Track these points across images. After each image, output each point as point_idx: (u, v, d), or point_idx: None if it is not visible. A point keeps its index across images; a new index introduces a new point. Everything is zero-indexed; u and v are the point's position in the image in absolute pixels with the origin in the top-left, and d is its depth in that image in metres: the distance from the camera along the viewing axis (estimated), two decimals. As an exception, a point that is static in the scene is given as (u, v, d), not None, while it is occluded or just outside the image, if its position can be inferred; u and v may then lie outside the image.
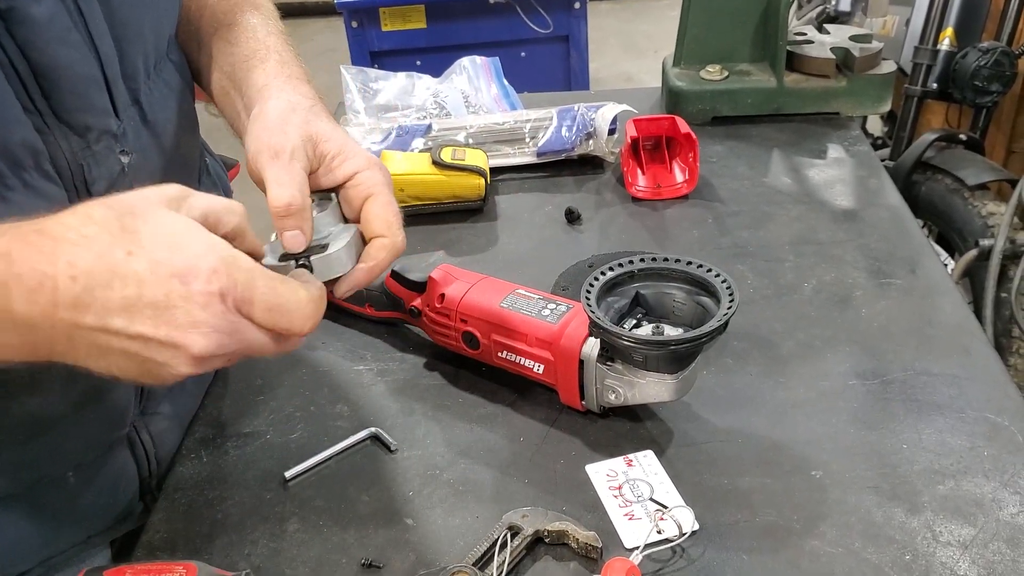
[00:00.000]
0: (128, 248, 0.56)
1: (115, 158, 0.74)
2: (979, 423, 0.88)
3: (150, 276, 0.56)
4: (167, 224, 0.58)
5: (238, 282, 0.58)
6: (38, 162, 0.68)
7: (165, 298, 0.56)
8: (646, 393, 0.86)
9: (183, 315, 0.56)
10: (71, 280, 0.55)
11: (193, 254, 0.57)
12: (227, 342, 0.58)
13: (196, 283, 0.56)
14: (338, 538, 0.81)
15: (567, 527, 0.78)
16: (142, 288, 0.56)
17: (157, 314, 0.56)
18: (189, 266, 0.57)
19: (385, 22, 2.78)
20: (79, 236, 0.56)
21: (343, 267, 0.73)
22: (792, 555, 0.77)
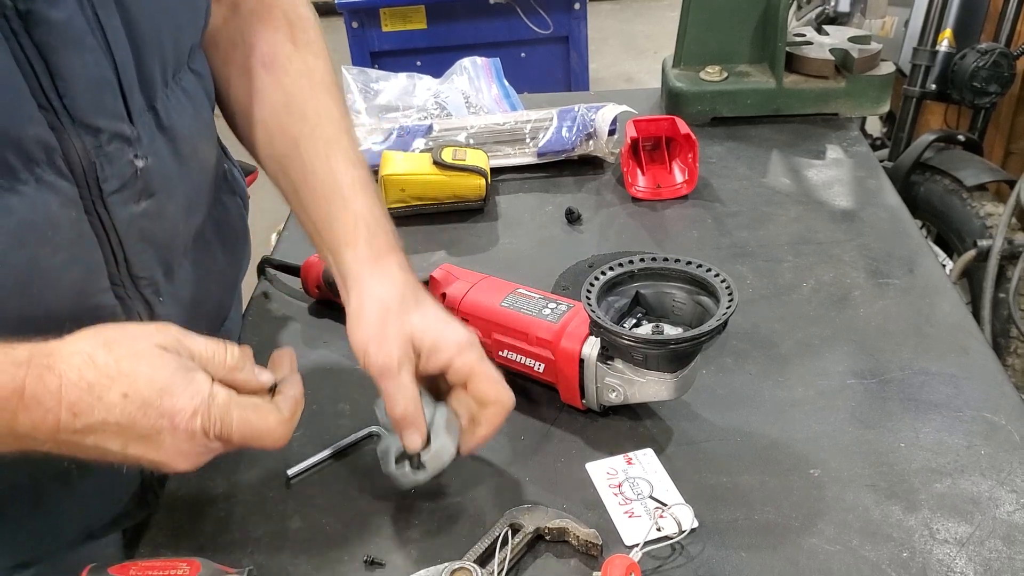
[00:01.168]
0: (124, 390, 0.65)
1: (128, 161, 0.76)
2: (976, 422, 0.89)
3: (141, 417, 0.65)
4: (161, 371, 0.67)
5: (216, 418, 0.67)
6: (51, 158, 0.71)
7: (155, 432, 0.66)
8: (646, 392, 0.87)
9: (170, 445, 0.66)
10: (73, 416, 0.64)
11: (179, 397, 0.66)
12: (207, 459, 0.69)
13: (180, 422, 0.66)
14: (340, 536, 0.82)
15: (568, 524, 0.78)
16: (134, 425, 0.65)
17: (147, 443, 0.66)
18: (175, 408, 0.66)
19: (385, 22, 2.78)
20: (80, 378, 0.64)
21: (449, 454, 0.81)
22: (790, 552, 0.77)
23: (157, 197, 0.80)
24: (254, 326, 1.10)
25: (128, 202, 0.77)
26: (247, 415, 0.69)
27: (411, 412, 0.78)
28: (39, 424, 0.64)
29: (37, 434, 0.64)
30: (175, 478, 0.89)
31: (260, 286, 1.18)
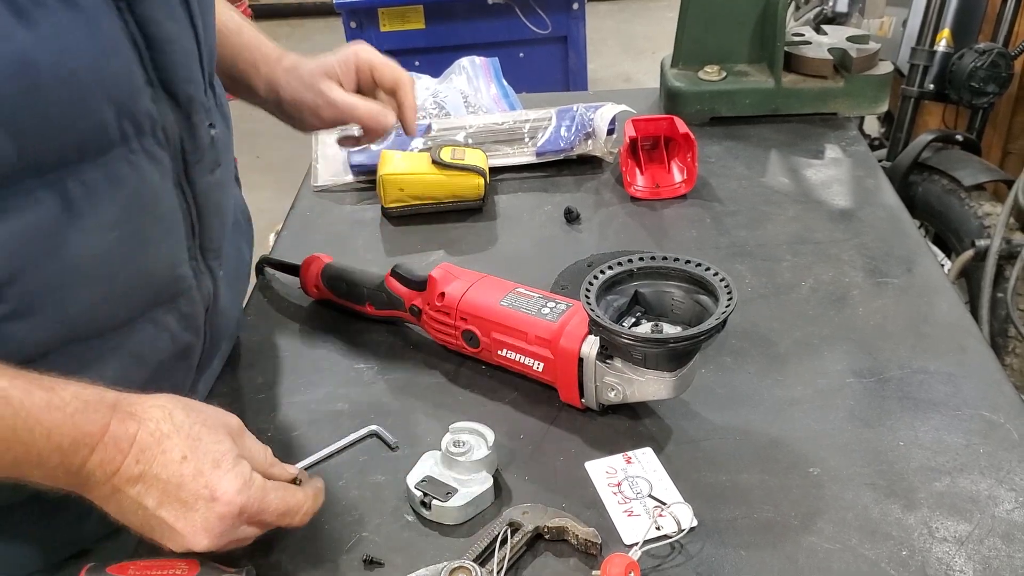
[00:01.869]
0: (185, 453, 0.71)
1: (206, 129, 0.83)
2: (975, 420, 0.89)
3: (191, 481, 0.70)
4: (220, 446, 0.72)
5: (255, 500, 0.72)
6: (154, 129, 0.76)
7: (193, 501, 0.70)
8: (645, 391, 0.87)
9: (200, 519, 0.70)
10: (135, 463, 0.70)
11: (226, 477, 0.71)
12: (223, 543, 0.72)
13: (221, 500, 0.71)
14: (339, 535, 0.81)
15: (567, 523, 0.78)
16: (181, 487, 0.70)
17: (181, 509, 0.70)
18: (221, 483, 0.71)
19: (384, 22, 2.78)
20: (156, 429, 0.71)
21: None
22: (790, 551, 0.77)
23: (223, 167, 0.87)
24: (253, 325, 1.10)
25: (205, 172, 0.84)
26: (281, 494, 0.75)
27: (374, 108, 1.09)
28: (107, 465, 0.69)
29: (98, 473, 0.69)
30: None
31: (258, 285, 1.18)
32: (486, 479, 0.83)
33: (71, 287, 0.74)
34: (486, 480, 0.83)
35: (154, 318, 0.83)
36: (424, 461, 0.86)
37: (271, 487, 0.74)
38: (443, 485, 0.82)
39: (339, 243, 1.24)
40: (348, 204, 1.34)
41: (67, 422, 0.68)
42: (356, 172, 1.37)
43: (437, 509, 0.81)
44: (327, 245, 1.22)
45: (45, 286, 0.72)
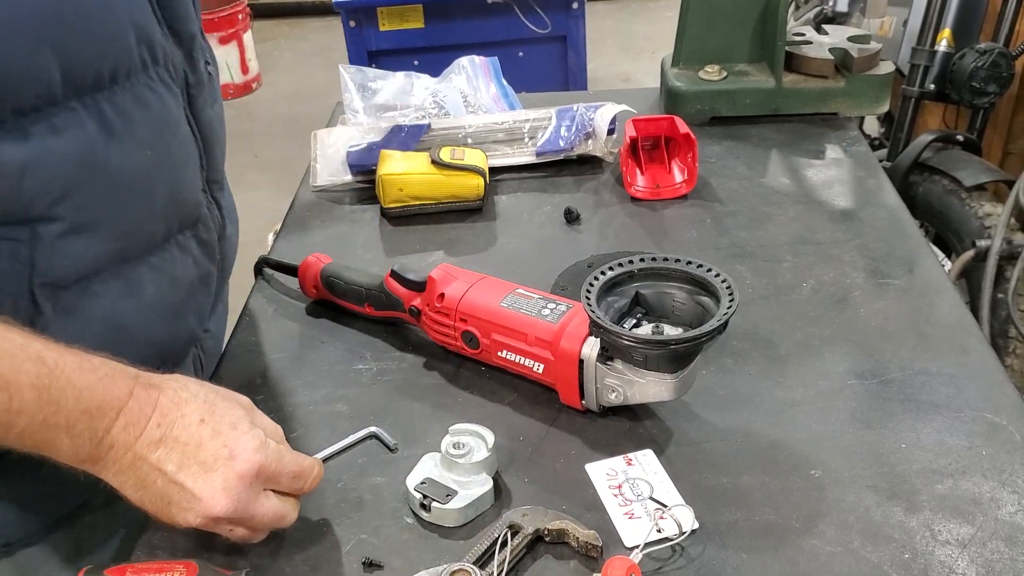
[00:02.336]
0: (202, 416, 0.74)
1: (203, 66, 0.90)
2: (977, 422, 0.89)
3: (209, 441, 0.73)
4: (234, 412, 0.76)
5: (272, 459, 0.75)
6: (165, 61, 0.84)
7: (213, 461, 0.72)
8: (646, 392, 0.86)
9: (220, 479, 0.72)
10: (157, 426, 0.73)
11: (244, 436, 0.74)
12: (240, 511, 0.73)
13: (240, 458, 0.73)
14: (338, 537, 0.81)
15: (567, 526, 0.78)
16: (200, 447, 0.73)
17: (201, 472, 0.72)
18: (239, 443, 0.73)
19: (383, 22, 2.78)
20: (175, 395, 0.74)
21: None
22: (791, 554, 0.77)
23: (218, 103, 0.94)
24: (252, 326, 1.10)
25: (207, 106, 0.91)
26: (295, 456, 0.78)
27: None
28: (131, 428, 0.72)
29: (121, 439, 0.72)
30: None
31: (257, 286, 1.17)
32: (486, 481, 0.83)
33: (118, 203, 0.81)
34: (486, 482, 0.83)
35: (181, 243, 0.91)
36: (424, 463, 0.85)
37: (285, 450, 0.77)
38: (443, 487, 0.82)
39: (338, 243, 1.24)
40: (347, 204, 1.34)
41: (97, 385, 0.71)
42: (355, 172, 1.36)
43: (437, 511, 0.81)
44: (326, 245, 1.22)
45: (96, 202, 0.78)
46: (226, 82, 4.31)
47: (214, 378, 1.01)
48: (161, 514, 0.74)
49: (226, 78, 4.31)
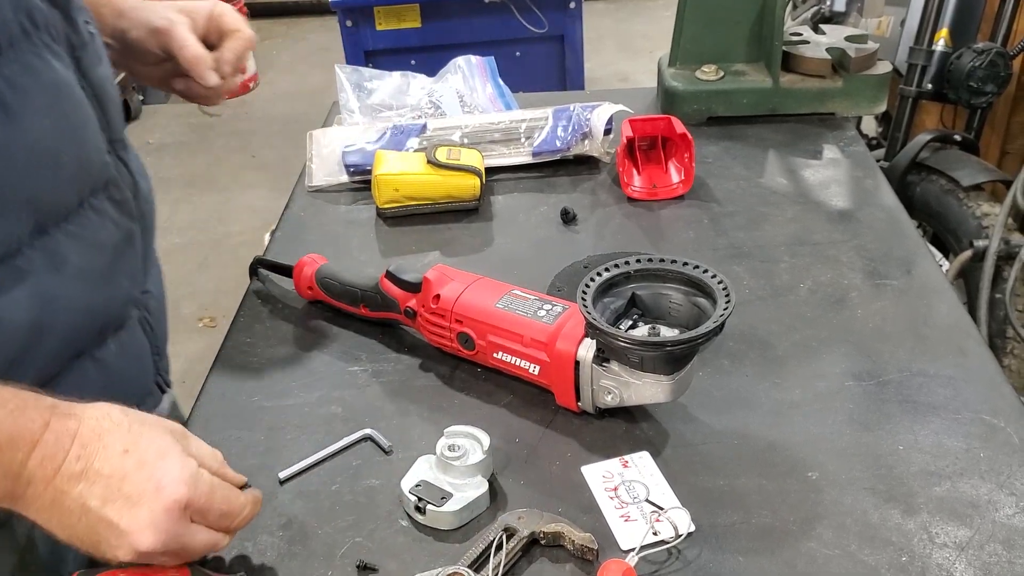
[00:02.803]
0: (126, 446, 0.70)
1: (84, 27, 0.89)
2: (975, 424, 0.88)
3: (134, 473, 0.69)
4: (162, 441, 0.72)
5: (201, 494, 0.71)
6: (46, 25, 0.82)
7: (138, 495, 0.68)
8: (642, 394, 0.86)
9: (147, 513, 0.68)
10: (77, 459, 0.68)
11: (172, 467, 0.70)
12: (170, 544, 0.69)
13: (167, 490, 0.69)
14: (332, 540, 0.81)
15: (563, 529, 0.77)
16: (125, 480, 0.69)
17: (127, 506, 0.68)
18: (166, 475, 0.69)
19: (379, 21, 2.77)
20: (96, 425, 0.70)
21: None
22: (788, 556, 0.77)
23: (104, 62, 0.93)
24: (246, 327, 1.09)
25: (94, 65, 0.89)
26: (227, 493, 0.74)
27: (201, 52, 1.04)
28: (48, 463, 0.68)
29: (38, 474, 0.68)
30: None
31: (252, 286, 1.17)
32: (481, 483, 0.82)
33: (26, 176, 0.79)
34: (481, 484, 0.82)
35: (96, 207, 0.88)
36: (419, 465, 0.85)
37: (218, 484, 0.73)
38: (438, 490, 0.82)
39: (333, 244, 1.23)
40: (343, 204, 1.33)
41: (7, 418, 0.68)
42: (351, 172, 1.36)
43: (432, 514, 0.80)
44: (321, 246, 1.21)
45: (2, 179, 0.76)
46: (223, 82, 4.30)
47: (208, 379, 1.01)
48: (94, 550, 0.70)
49: (223, 78, 4.30)
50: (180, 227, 3.36)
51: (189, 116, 4.24)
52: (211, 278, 3.04)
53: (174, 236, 3.31)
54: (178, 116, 4.25)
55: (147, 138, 4.06)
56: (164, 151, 3.95)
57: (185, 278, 3.06)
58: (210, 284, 3.02)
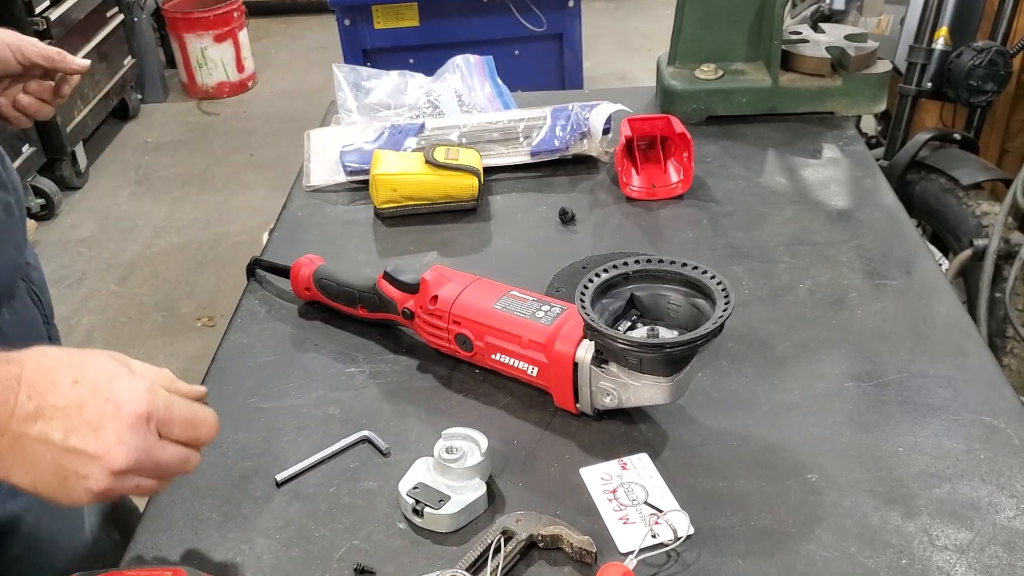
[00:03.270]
0: (74, 377, 0.68)
1: None
2: (975, 426, 0.88)
3: (90, 399, 0.68)
4: (108, 365, 0.71)
5: (161, 407, 0.70)
6: None
7: (99, 418, 0.67)
8: (641, 396, 0.86)
9: (112, 433, 0.67)
10: (28, 398, 0.67)
11: (125, 385, 0.69)
12: (143, 460, 0.69)
13: (127, 407, 0.68)
14: (330, 542, 0.80)
15: (561, 531, 0.77)
16: (82, 408, 0.67)
17: (90, 431, 0.67)
18: (122, 393, 0.69)
19: (378, 20, 2.76)
20: (38, 366, 0.69)
21: None
22: (788, 559, 0.76)
23: None
24: (243, 328, 1.08)
25: None
26: (187, 404, 0.73)
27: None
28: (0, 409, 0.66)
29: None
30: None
31: (249, 287, 1.16)
32: (479, 486, 0.82)
33: None
34: (479, 487, 0.82)
35: None
36: (416, 467, 0.84)
37: (175, 398, 0.72)
38: (435, 492, 0.81)
39: (331, 244, 1.23)
40: (341, 204, 1.33)
41: None
42: (349, 172, 1.35)
43: (429, 517, 0.80)
44: (319, 246, 1.21)
45: None
46: (222, 80, 4.30)
47: (205, 381, 1.00)
48: (58, 494, 0.68)
49: (222, 76, 4.30)
50: (178, 226, 3.36)
51: (187, 115, 4.24)
52: (209, 277, 3.04)
53: (172, 235, 3.31)
54: (176, 115, 4.24)
55: (145, 137, 4.05)
56: (162, 150, 3.94)
57: (183, 277, 3.05)
58: (208, 284, 3.01)
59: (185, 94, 4.39)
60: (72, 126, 3.47)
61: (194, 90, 4.34)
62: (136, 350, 2.61)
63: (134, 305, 2.95)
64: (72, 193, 3.60)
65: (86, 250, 3.28)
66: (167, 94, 4.40)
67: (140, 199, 3.59)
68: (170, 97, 4.40)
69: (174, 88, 4.44)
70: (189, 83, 4.34)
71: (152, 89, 4.32)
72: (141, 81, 4.23)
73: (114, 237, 3.35)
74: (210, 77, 4.29)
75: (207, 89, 4.31)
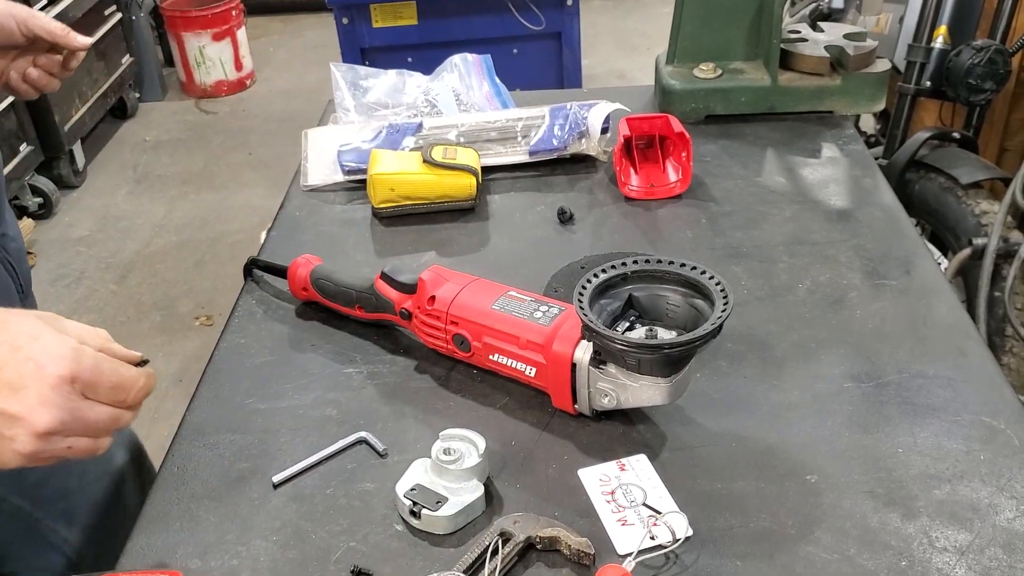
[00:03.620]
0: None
1: None
2: (975, 426, 0.88)
3: (10, 359, 0.66)
4: (31, 325, 0.69)
5: (87, 367, 0.68)
6: None
7: (20, 378, 0.66)
8: (639, 397, 0.85)
9: (34, 394, 0.66)
10: None
11: (48, 344, 0.68)
12: (68, 420, 0.67)
13: (49, 367, 0.67)
14: (327, 544, 0.80)
15: (559, 533, 0.77)
16: (2, 370, 0.66)
17: (11, 392, 0.66)
18: (44, 353, 0.67)
19: (376, 18, 2.76)
20: None
21: None
22: (787, 561, 0.76)
23: None
24: (240, 328, 1.08)
25: None
26: (114, 366, 0.71)
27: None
28: None
29: None
30: (161, 483, 0.87)
31: (246, 287, 1.16)
32: (477, 487, 0.82)
33: None
34: (477, 488, 0.82)
35: None
36: (414, 469, 0.84)
37: (103, 358, 0.70)
38: (433, 494, 0.81)
39: (329, 244, 1.23)
40: (338, 204, 1.32)
41: None
42: (346, 172, 1.35)
43: (427, 518, 0.80)
44: (317, 245, 1.20)
45: None
46: (220, 79, 4.29)
47: (202, 381, 1.00)
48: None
49: (220, 75, 4.29)
50: (177, 225, 3.35)
51: (185, 114, 4.23)
52: (208, 276, 3.03)
53: (171, 234, 3.30)
54: (175, 114, 4.23)
55: (143, 136, 4.05)
56: (161, 149, 3.93)
57: (182, 276, 3.05)
58: (207, 283, 3.01)
59: (183, 93, 4.39)
60: (70, 124, 3.46)
61: (192, 89, 4.33)
62: (134, 349, 2.60)
63: (132, 304, 2.94)
64: (70, 192, 3.60)
65: (84, 249, 3.28)
66: (165, 93, 4.39)
67: (138, 198, 3.58)
68: (168, 96, 4.40)
69: (172, 87, 4.44)
70: (187, 82, 4.33)
71: (150, 88, 4.31)
72: (139, 80, 4.22)
73: (112, 236, 3.34)
74: (208, 76, 4.29)
75: (205, 88, 4.31)
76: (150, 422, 2.26)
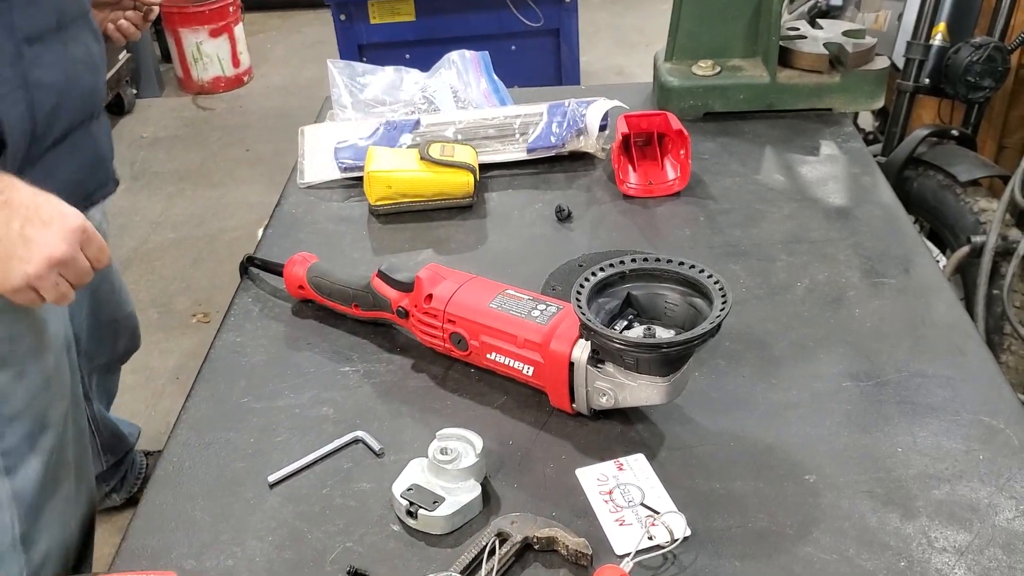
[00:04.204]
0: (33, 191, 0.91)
1: None
2: (974, 426, 0.87)
3: (45, 204, 0.91)
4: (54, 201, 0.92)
5: (90, 226, 0.94)
6: None
7: (49, 219, 0.90)
8: (637, 396, 0.85)
9: (58, 230, 0.90)
10: (0, 192, 0.89)
11: (68, 207, 0.93)
12: (71, 259, 0.91)
13: (71, 217, 0.92)
14: (323, 544, 0.79)
15: (556, 533, 0.76)
16: (39, 209, 0.90)
17: (41, 227, 0.89)
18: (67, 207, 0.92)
19: (373, 15, 2.75)
20: (7, 178, 0.90)
21: None
22: (785, 561, 0.76)
23: None
24: (236, 326, 1.08)
25: None
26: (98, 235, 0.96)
27: None
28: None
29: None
30: (156, 482, 0.87)
31: (243, 285, 1.15)
32: (474, 487, 0.81)
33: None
34: (474, 488, 0.81)
35: (82, 24, 1.15)
36: (410, 468, 0.83)
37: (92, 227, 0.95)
38: (430, 493, 0.80)
39: (325, 241, 1.22)
40: (335, 201, 1.32)
41: None
42: (343, 169, 1.34)
43: (424, 518, 0.79)
44: (313, 243, 1.20)
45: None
46: (217, 75, 4.28)
47: (197, 380, 1.00)
48: (2, 268, 0.88)
49: (217, 71, 4.28)
50: (174, 222, 3.34)
51: (183, 110, 4.22)
52: (205, 273, 3.03)
53: (168, 231, 3.29)
54: (172, 110, 4.22)
55: (140, 132, 4.03)
56: (158, 145, 3.92)
57: (179, 273, 3.04)
58: (204, 279, 3.00)
59: (180, 89, 4.37)
60: (67, 121, 3.45)
61: (189, 85, 4.32)
62: (131, 347, 2.59)
63: (129, 301, 2.93)
64: (67, 189, 3.58)
65: (81, 246, 3.26)
66: (162, 89, 4.38)
67: (135, 194, 3.57)
68: (165, 92, 4.38)
69: (169, 83, 4.42)
70: (184, 78, 4.32)
71: (147, 84, 4.30)
72: (136, 76, 4.21)
73: (109, 232, 3.33)
74: (205, 72, 4.27)
75: (202, 84, 4.29)
76: (147, 419, 2.25)
